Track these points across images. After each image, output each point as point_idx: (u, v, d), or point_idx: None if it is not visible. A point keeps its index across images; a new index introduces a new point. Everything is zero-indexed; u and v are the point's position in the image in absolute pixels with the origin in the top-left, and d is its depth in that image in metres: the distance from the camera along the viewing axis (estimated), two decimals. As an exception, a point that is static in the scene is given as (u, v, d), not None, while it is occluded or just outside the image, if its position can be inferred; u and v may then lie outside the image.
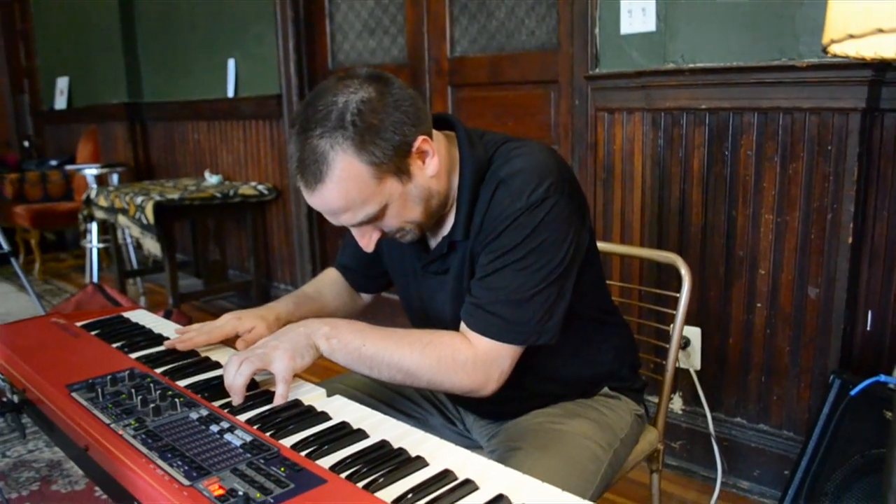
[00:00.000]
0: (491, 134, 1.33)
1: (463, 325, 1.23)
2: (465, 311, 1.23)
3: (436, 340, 1.21)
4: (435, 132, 1.26)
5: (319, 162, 1.12)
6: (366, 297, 1.66)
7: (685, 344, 2.28)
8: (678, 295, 1.60)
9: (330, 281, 1.62)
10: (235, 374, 1.12)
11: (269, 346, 1.17)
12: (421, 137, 1.18)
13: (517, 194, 1.19)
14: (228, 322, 1.36)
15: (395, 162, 1.15)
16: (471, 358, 1.19)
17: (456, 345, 1.20)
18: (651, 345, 1.95)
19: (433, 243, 1.37)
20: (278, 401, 1.12)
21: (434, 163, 1.21)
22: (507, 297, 1.19)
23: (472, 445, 1.50)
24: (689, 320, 2.24)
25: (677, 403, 2.39)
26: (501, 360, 1.21)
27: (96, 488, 2.32)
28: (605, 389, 1.46)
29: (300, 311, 1.46)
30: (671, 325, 1.62)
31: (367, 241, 1.25)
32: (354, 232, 1.25)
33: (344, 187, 1.13)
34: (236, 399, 1.12)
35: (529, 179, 1.20)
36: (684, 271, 1.59)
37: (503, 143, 1.28)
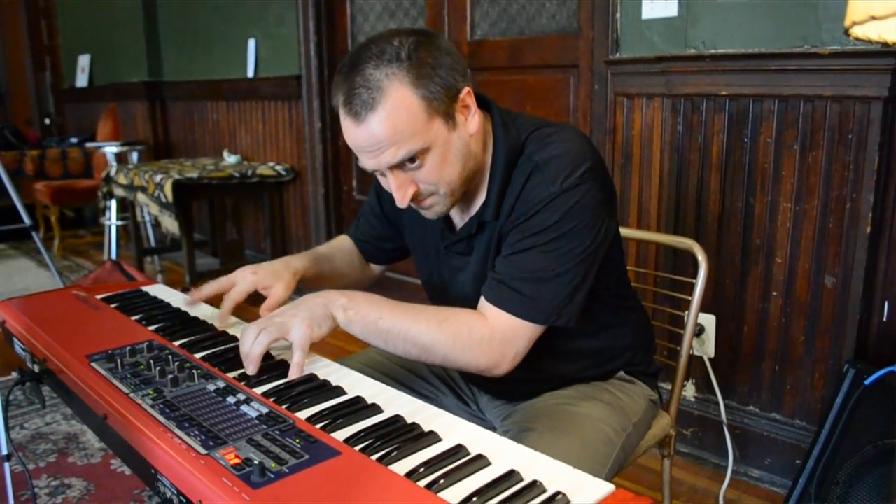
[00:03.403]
0: (524, 117, 1.33)
1: (482, 301, 1.23)
2: (487, 286, 1.24)
3: (453, 317, 1.22)
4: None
5: (373, 90, 1.12)
6: (376, 269, 1.66)
7: (699, 331, 2.28)
8: (694, 281, 1.60)
9: (344, 247, 1.62)
10: (253, 343, 1.14)
11: (287, 315, 1.18)
12: (466, 88, 1.20)
13: (552, 179, 1.20)
14: (246, 279, 1.35)
15: (445, 103, 1.17)
16: (487, 336, 1.20)
17: (473, 322, 1.21)
18: (665, 331, 1.95)
19: (458, 223, 1.37)
20: (294, 369, 1.13)
21: (475, 121, 1.22)
22: (531, 275, 1.19)
23: (486, 426, 1.50)
24: (703, 307, 2.23)
25: (690, 391, 2.39)
26: (518, 340, 1.21)
27: (112, 461, 2.35)
28: (621, 373, 1.47)
29: (316, 269, 1.46)
30: (686, 312, 1.62)
31: (403, 193, 1.21)
32: (392, 182, 1.21)
33: (395, 117, 1.13)
34: (251, 369, 1.13)
35: (565, 165, 1.20)
36: (701, 257, 1.59)
37: (538, 128, 1.28)
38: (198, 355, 1.21)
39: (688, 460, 2.38)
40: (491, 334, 1.20)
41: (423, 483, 0.82)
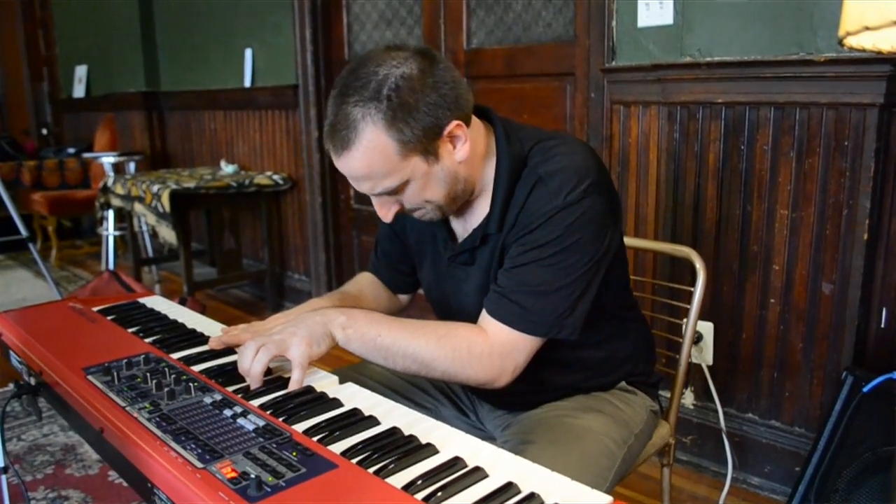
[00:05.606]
0: (527, 128, 1.33)
1: (483, 313, 1.24)
2: (488, 299, 1.24)
3: (452, 332, 1.22)
4: (473, 119, 1.26)
5: (349, 129, 1.14)
6: (403, 299, 1.65)
7: (698, 339, 2.28)
8: (692, 289, 1.60)
9: (368, 282, 1.61)
10: (253, 360, 1.14)
11: (287, 333, 1.18)
12: (454, 122, 1.18)
13: (555, 193, 1.20)
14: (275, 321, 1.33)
15: (424, 143, 1.16)
16: (486, 350, 1.20)
17: (472, 337, 1.21)
18: (663, 339, 1.95)
19: (461, 234, 1.37)
20: (293, 386, 1.13)
21: (465, 149, 1.22)
22: (532, 288, 1.20)
23: (485, 437, 1.50)
24: (701, 315, 2.23)
25: (689, 398, 2.38)
26: (517, 353, 1.21)
27: (109, 473, 2.34)
28: (622, 384, 1.47)
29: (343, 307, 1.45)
30: (684, 320, 1.62)
31: (386, 211, 1.26)
32: (374, 201, 1.26)
33: (368, 158, 1.15)
34: (254, 384, 1.13)
35: (568, 179, 1.20)
36: (699, 265, 1.59)
37: (541, 140, 1.28)
38: (195, 368, 1.21)
39: (687, 468, 2.38)
40: (490, 348, 1.20)
41: (420, 496, 0.82)
